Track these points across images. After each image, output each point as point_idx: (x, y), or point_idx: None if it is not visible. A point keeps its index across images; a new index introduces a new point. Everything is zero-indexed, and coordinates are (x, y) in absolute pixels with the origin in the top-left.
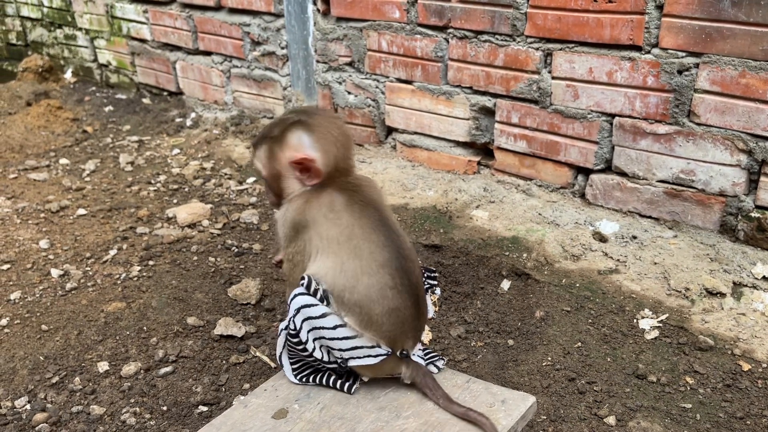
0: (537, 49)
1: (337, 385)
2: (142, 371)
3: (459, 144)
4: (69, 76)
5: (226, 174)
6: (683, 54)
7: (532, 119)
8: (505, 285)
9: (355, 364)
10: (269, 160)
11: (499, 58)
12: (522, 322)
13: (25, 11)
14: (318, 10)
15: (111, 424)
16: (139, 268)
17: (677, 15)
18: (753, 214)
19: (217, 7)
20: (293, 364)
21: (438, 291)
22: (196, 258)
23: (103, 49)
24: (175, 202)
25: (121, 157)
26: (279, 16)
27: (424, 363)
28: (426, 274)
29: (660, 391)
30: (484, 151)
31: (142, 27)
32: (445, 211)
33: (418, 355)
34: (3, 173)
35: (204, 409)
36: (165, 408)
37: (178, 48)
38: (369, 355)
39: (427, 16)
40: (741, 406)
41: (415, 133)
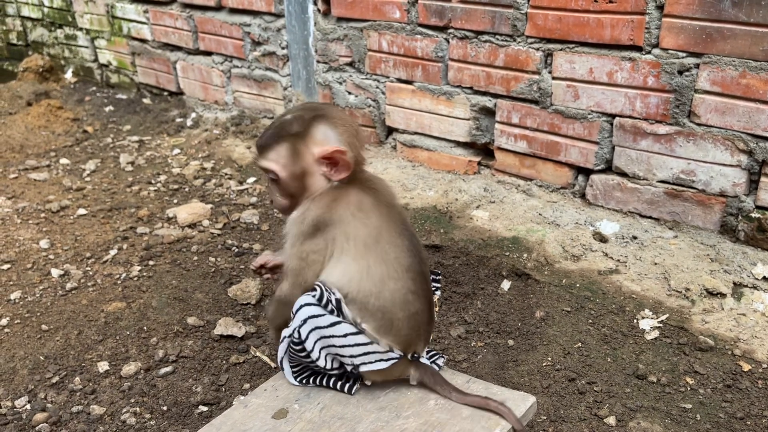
0: (537, 49)
1: (338, 386)
2: (142, 371)
3: (459, 144)
4: (69, 76)
5: (226, 174)
6: (684, 54)
7: (532, 119)
8: (506, 285)
9: (366, 369)
10: (292, 159)
11: (500, 58)
12: (522, 322)
13: (25, 11)
14: (318, 10)
15: (111, 424)
16: (139, 268)
17: (678, 15)
18: (753, 215)
19: (218, 7)
20: (293, 367)
21: (438, 293)
22: (196, 258)
23: (103, 49)
24: (175, 202)
25: (122, 157)
26: (279, 16)
27: (429, 363)
28: (431, 277)
29: (660, 391)
30: (485, 151)
31: (142, 27)
32: (445, 212)
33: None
34: (3, 173)
35: (204, 409)
36: (165, 408)
37: (178, 48)
38: (381, 360)
39: (428, 17)
40: (741, 407)
41: (416, 133)
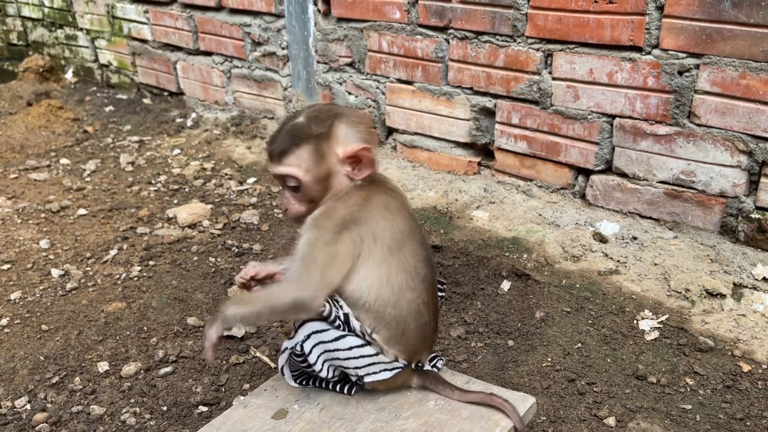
0: (537, 49)
1: (337, 388)
2: (142, 371)
3: (459, 145)
4: (70, 76)
5: (226, 174)
6: (684, 55)
7: (532, 120)
8: (505, 286)
9: (371, 380)
10: (316, 161)
11: (500, 58)
12: (522, 322)
13: (26, 11)
14: (318, 11)
15: (111, 424)
16: (139, 268)
17: (678, 16)
18: (753, 215)
19: (218, 8)
20: (293, 372)
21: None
22: (196, 258)
23: (103, 49)
24: (175, 202)
25: (122, 157)
26: (280, 16)
27: (429, 366)
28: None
29: (660, 392)
30: (485, 151)
31: (142, 27)
32: (445, 212)
33: None
34: (4, 173)
35: (204, 409)
36: (165, 408)
37: (178, 48)
38: (385, 370)
39: (428, 17)
40: (741, 407)
41: (416, 133)
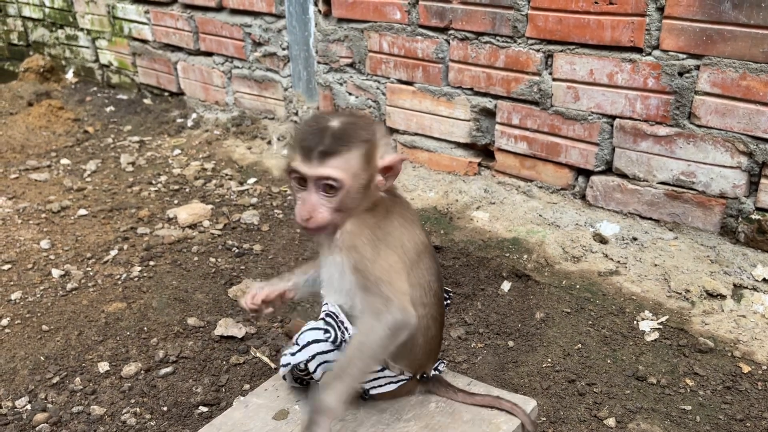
0: (538, 50)
1: None
2: (142, 372)
3: (459, 145)
4: (70, 76)
5: (227, 175)
6: (684, 56)
7: (532, 121)
8: (506, 286)
9: (376, 392)
10: (365, 165)
11: (500, 59)
12: (522, 323)
13: (26, 11)
14: (319, 11)
15: (111, 425)
16: (139, 269)
17: (678, 17)
18: (753, 216)
19: (219, 8)
20: (295, 378)
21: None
22: (196, 258)
23: (104, 49)
24: (175, 202)
25: (122, 157)
26: (280, 17)
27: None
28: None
29: (660, 392)
30: (485, 152)
31: (143, 27)
32: (445, 213)
33: None
34: (4, 173)
35: (204, 409)
36: (165, 408)
37: (179, 49)
38: (390, 383)
39: (428, 18)
40: (741, 408)
41: (416, 134)
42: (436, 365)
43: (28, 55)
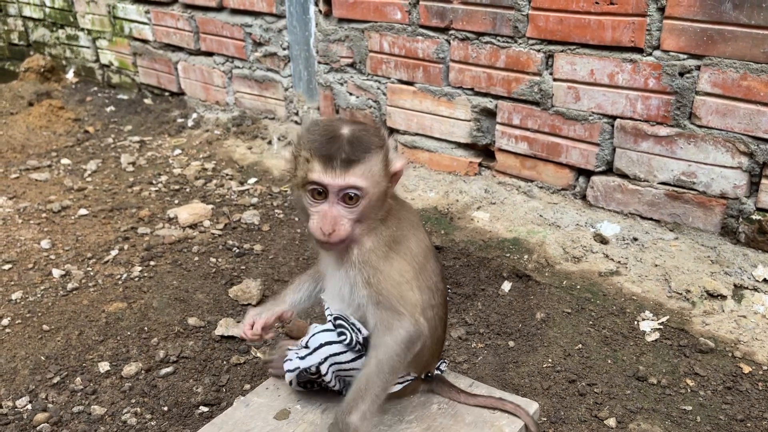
0: (538, 50)
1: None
2: (142, 372)
3: (460, 145)
4: (71, 76)
5: (227, 174)
6: (684, 56)
7: (533, 121)
8: (506, 286)
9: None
10: (384, 172)
11: (501, 59)
12: (523, 323)
13: (27, 11)
14: (320, 11)
15: (112, 425)
16: (140, 269)
17: (679, 17)
18: (754, 217)
19: (219, 8)
20: (300, 381)
21: None
22: (197, 258)
23: (104, 49)
24: (176, 202)
25: (123, 157)
26: (281, 17)
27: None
28: None
29: (660, 393)
30: (485, 152)
31: (143, 27)
32: (446, 213)
33: None
34: (5, 173)
35: (205, 409)
36: (166, 408)
37: (179, 48)
38: (397, 383)
39: (429, 18)
40: (741, 409)
41: (417, 134)
42: (438, 364)
43: (28, 55)
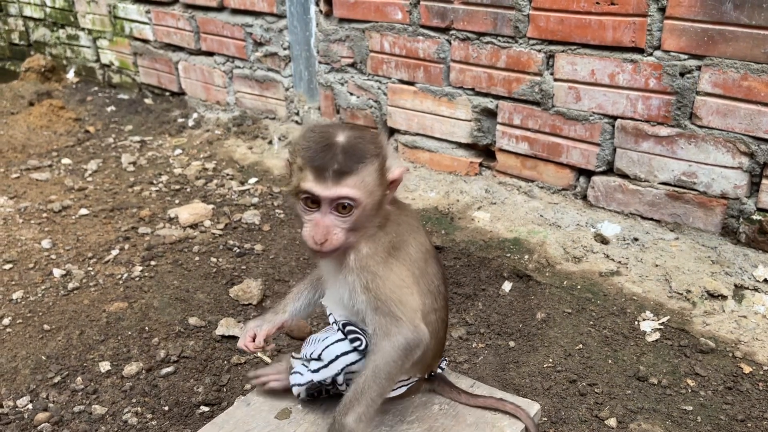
0: (539, 51)
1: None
2: (143, 371)
3: (461, 145)
4: (71, 76)
5: (228, 174)
6: (685, 56)
7: (533, 121)
8: (507, 286)
9: (387, 397)
10: (379, 181)
11: (501, 59)
12: (523, 323)
13: (27, 11)
14: (320, 11)
15: (113, 424)
16: (140, 268)
17: (679, 17)
18: (755, 217)
19: (220, 8)
20: (310, 390)
21: None
22: (197, 258)
23: (105, 49)
24: (177, 202)
25: (123, 157)
26: (281, 17)
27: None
28: None
29: (661, 393)
30: (486, 152)
31: (144, 27)
32: (446, 213)
33: None
34: (5, 173)
35: (205, 409)
36: (166, 408)
37: (180, 48)
38: (402, 386)
39: (430, 18)
40: (742, 409)
41: (417, 134)
42: (438, 362)
43: (29, 55)
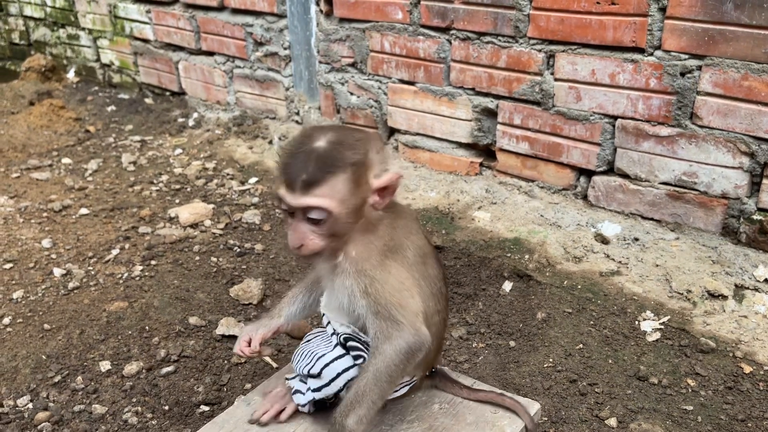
0: (540, 50)
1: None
2: (143, 371)
3: (461, 145)
4: (72, 75)
5: (228, 174)
6: (686, 56)
7: (534, 121)
8: (507, 286)
9: (390, 397)
10: (352, 192)
11: (502, 59)
12: (523, 323)
13: (28, 11)
14: (321, 11)
15: (113, 424)
16: (141, 268)
17: (680, 17)
18: (755, 217)
19: (220, 8)
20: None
21: None
22: (198, 258)
23: (105, 48)
24: (177, 202)
25: (124, 156)
26: (282, 16)
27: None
28: None
29: (661, 393)
30: (486, 152)
31: (144, 27)
32: (447, 213)
33: None
34: (6, 172)
35: (205, 408)
36: (167, 407)
37: (180, 48)
38: (403, 386)
39: (430, 18)
40: (742, 409)
41: (418, 134)
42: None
43: (29, 55)
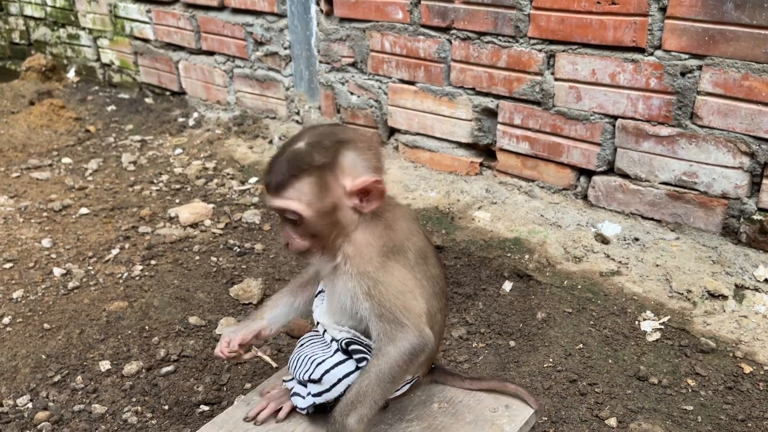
0: (540, 50)
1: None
2: (143, 370)
3: (461, 145)
4: (72, 75)
5: (228, 174)
6: (686, 56)
7: (534, 121)
8: (507, 286)
9: (390, 397)
10: (319, 194)
11: (502, 59)
12: (523, 323)
13: (28, 10)
14: (321, 11)
15: (113, 423)
16: (141, 268)
17: (680, 17)
18: (755, 217)
19: (221, 7)
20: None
21: None
22: (198, 258)
23: (106, 48)
24: (177, 201)
25: (124, 156)
26: (282, 16)
27: None
28: None
29: (661, 393)
30: (487, 152)
31: (145, 27)
32: (447, 212)
33: None
34: (6, 172)
35: (205, 408)
36: (166, 407)
37: (181, 48)
38: (405, 385)
39: (430, 17)
40: (742, 409)
41: (418, 134)
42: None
43: (29, 54)
